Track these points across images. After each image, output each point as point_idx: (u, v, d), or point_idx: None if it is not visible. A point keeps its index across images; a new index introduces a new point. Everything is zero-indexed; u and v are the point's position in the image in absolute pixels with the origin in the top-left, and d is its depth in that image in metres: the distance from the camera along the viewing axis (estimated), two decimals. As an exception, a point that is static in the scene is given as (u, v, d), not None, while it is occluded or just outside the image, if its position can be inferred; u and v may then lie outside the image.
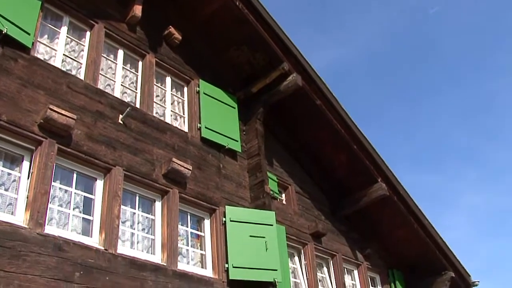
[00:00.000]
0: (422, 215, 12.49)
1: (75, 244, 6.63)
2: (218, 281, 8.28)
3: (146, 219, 8.07)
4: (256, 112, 10.25)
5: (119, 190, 7.45)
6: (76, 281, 6.39)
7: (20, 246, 6.04)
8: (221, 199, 9.02)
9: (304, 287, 10.45)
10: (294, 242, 10.50)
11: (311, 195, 11.73)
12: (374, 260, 12.79)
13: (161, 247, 7.82)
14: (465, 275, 13.61)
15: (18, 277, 5.85)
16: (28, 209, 6.40)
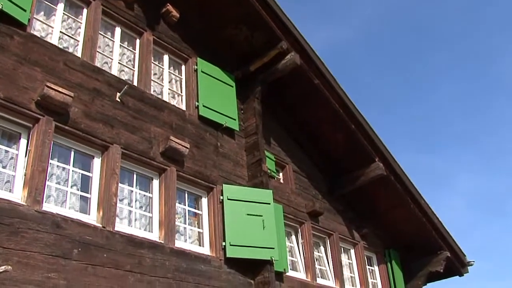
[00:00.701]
0: (419, 195, 12.54)
1: (73, 222, 6.66)
2: (215, 259, 8.34)
3: (144, 197, 8.10)
4: (254, 91, 10.22)
5: (116, 168, 7.46)
6: (74, 258, 6.44)
7: (19, 223, 6.07)
8: (218, 177, 9.04)
9: (301, 266, 10.53)
10: (291, 221, 10.56)
11: (308, 174, 11.76)
12: (370, 240, 12.87)
13: (159, 225, 7.86)
14: (461, 255, 13.72)
15: (17, 253, 5.89)
16: (26, 187, 6.42)
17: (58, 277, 6.18)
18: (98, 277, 6.58)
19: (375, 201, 12.60)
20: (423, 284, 13.53)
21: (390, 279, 12.93)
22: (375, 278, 12.97)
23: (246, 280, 8.68)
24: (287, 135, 11.67)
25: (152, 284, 7.18)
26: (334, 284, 11.12)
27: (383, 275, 13.01)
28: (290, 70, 10.08)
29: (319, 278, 10.73)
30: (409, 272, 13.40)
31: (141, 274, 7.10)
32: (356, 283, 12.06)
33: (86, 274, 6.47)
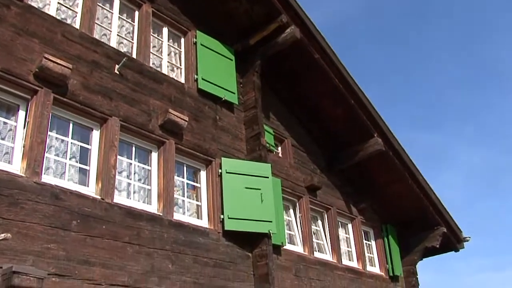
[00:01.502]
0: (417, 171, 12.58)
1: (72, 193, 6.69)
2: (214, 232, 8.40)
3: (143, 169, 8.12)
4: (254, 65, 10.16)
5: (115, 140, 7.46)
6: (73, 229, 6.49)
7: (18, 194, 6.10)
8: (217, 150, 9.05)
9: (299, 240, 10.61)
10: (289, 194, 10.61)
11: (307, 149, 11.77)
12: (368, 215, 12.95)
13: (157, 198, 7.90)
14: (457, 231, 13.81)
15: (16, 224, 5.93)
16: (25, 158, 6.43)
17: (58, 248, 6.23)
18: (97, 248, 6.64)
19: (373, 176, 12.64)
20: (419, 259, 13.67)
21: (386, 253, 13.04)
22: (372, 253, 13.08)
23: (244, 252, 8.76)
24: (286, 110, 11.65)
25: (151, 255, 7.25)
26: (331, 258, 11.23)
27: (380, 249, 13.12)
28: (290, 44, 10.01)
29: (316, 252, 10.83)
30: (406, 247, 13.51)
31: (140, 246, 7.16)
32: (353, 257, 12.17)
33: (85, 245, 6.53)
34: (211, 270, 8.03)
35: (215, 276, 8.06)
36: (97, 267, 6.54)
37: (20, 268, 5.59)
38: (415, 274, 13.53)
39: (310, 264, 10.30)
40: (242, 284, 8.48)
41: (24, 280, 5.54)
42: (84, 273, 6.38)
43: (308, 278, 10.08)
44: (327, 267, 10.80)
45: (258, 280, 8.60)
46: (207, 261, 8.03)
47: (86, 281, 6.37)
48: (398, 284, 13.14)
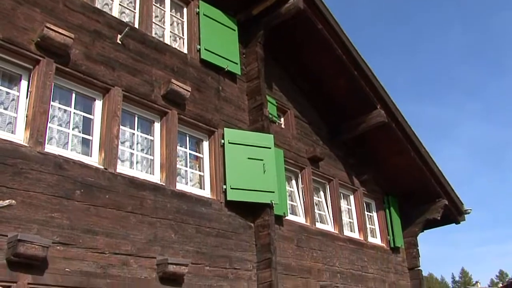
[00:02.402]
0: (420, 143, 12.57)
1: (75, 163, 6.73)
2: (216, 202, 8.46)
3: (145, 139, 8.14)
4: (257, 35, 10.09)
5: (118, 110, 7.46)
6: (77, 199, 6.54)
7: (21, 163, 6.13)
8: (219, 121, 9.05)
9: (301, 210, 10.68)
10: (291, 165, 10.64)
11: (309, 120, 11.76)
12: (370, 186, 13.00)
13: (160, 168, 7.94)
14: (458, 203, 13.86)
15: (20, 193, 5.98)
16: (28, 128, 6.44)
17: (62, 217, 6.30)
18: (101, 218, 6.71)
19: (376, 148, 12.65)
20: (420, 230, 13.76)
21: (388, 225, 13.12)
22: (373, 224, 13.17)
23: (246, 223, 8.83)
24: (289, 81, 11.60)
25: (153, 225, 7.32)
26: (333, 229, 11.31)
27: (381, 221, 13.21)
28: (293, 15, 9.91)
29: (318, 223, 10.91)
30: (407, 219, 13.58)
31: (143, 216, 7.22)
32: (355, 228, 12.25)
33: (88, 215, 6.59)
34: (213, 240, 8.12)
35: (217, 245, 8.15)
36: (100, 236, 6.62)
37: (25, 237, 5.67)
38: (416, 246, 13.64)
39: (312, 234, 10.39)
40: (244, 253, 8.57)
41: (29, 248, 5.63)
42: (88, 242, 6.46)
43: (309, 248, 10.18)
44: (329, 238, 10.89)
45: (260, 250, 8.69)
46: (209, 231, 8.11)
47: (90, 250, 6.45)
48: (399, 255, 13.26)
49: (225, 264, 8.17)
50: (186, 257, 7.54)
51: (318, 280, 10.08)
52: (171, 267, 7.05)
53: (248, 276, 8.48)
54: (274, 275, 8.46)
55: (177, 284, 7.29)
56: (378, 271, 12.14)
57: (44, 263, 5.92)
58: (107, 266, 6.57)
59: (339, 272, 10.83)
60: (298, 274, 9.63)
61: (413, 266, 13.46)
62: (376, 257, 12.27)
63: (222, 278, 8.03)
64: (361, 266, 11.60)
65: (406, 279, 13.22)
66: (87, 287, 6.28)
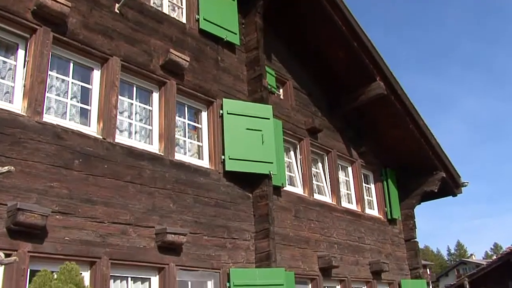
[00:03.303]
0: (418, 116, 12.56)
1: (74, 133, 6.72)
2: (214, 172, 8.49)
3: (144, 109, 8.13)
4: (256, 5, 9.96)
5: (116, 80, 7.43)
6: (75, 168, 6.55)
7: (20, 133, 6.13)
8: (218, 91, 9.02)
9: (299, 181, 10.72)
10: (290, 137, 10.64)
11: (308, 91, 11.72)
12: (368, 158, 13.03)
13: (159, 138, 7.94)
14: (456, 176, 13.92)
15: (19, 163, 5.99)
16: (26, 98, 6.42)
17: (60, 187, 6.32)
18: (100, 187, 6.74)
19: (375, 120, 12.65)
20: (417, 203, 13.84)
21: (385, 197, 13.21)
22: (371, 196, 13.25)
23: (245, 193, 8.88)
24: (289, 52, 11.52)
25: (152, 195, 7.35)
26: (331, 200, 11.38)
27: (379, 193, 13.28)
28: (292, -16, 9.80)
29: (316, 194, 10.97)
30: (404, 191, 13.67)
31: (141, 185, 7.25)
32: (352, 199, 12.33)
33: (87, 184, 6.62)
34: (211, 210, 8.17)
35: (215, 215, 8.21)
36: (99, 206, 6.66)
37: (25, 205, 5.70)
38: (413, 218, 13.74)
39: (309, 205, 10.46)
40: (243, 223, 8.64)
41: (28, 217, 5.66)
42: (87, 211, 6.50)
43: (307, 219, 10.26)
44: (327, 209, 10.97)
45: (258, 220, 8.76)
46: (208, 201, 8.16)
47: (89, 219, 6.49)
48: (396, 226, 13.37)
49: (223, 234, 8.24)
50: (185, 226, 7.60)
51: (316, 251, 10.18)
52: (169, 236, 7.10)
53: (246, 246, 8.56)
54: (272, 245, 8.54)
55: (175, 253, 7.36)
56: (375, 242, 12.26)
57: (43, 232, 5.96)
58: (106, 235, 6.62)
59: (336, 243, 10.93)
60: (295, 245, 9.72)
61: (409, 237, 13.59)
62: (373, 229, 12.38)
63: (220, 248, 8.11)
64: (358, 237, 11.71)
65: (402, 250, 13.37)
66: (86, 255, 6.34)
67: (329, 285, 10.61)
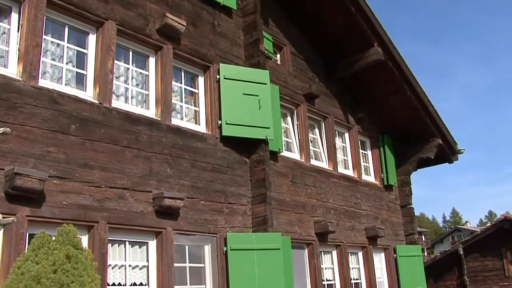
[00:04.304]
0: (416, 83, 12.51)
1: (70, 98, 6.69)
2: (211, 137, 8.49)
3: (140, 74, 8.08)
4: (253, -31, 9.82)
5: (112, 44, 7.36)
6: (72, 133, 6.54)
7: (15, 98, 6.09)
8: (215, 56, 8.95)
9: (296, 147, 10.74)
10: (287, 102, 10.61)
11: (306, 57, 11.64)
12: (365, 124, 13.03)
13: (155, 102, 7.91)
14: (452, 143, 13.96)
15: (15, 127, 5.97)
16: (21, 62, 6.36)
17: (57, 151, 6.32)
18: (97, 152, 6.74)
19: (372, 86, 12.60)
20: (413, 169, 13.92)
21: (382, 163, 13.26)
22: (367, 162, 13.30)
23: (242, 158, 8.90)
24: (286, 17, 11.39)
25: (149, 159, 7.37)
26: (328, 166, 11.42)
27: (376, 159, 13.33)
28: None
29: (313, 160, 11.00)
30: (401, 158, 13.72)
31: (138, 150, 7.26)
32: (349, 165, 12.37)
33: (84, 149, 6.62)
34: (208, 175, 8.20)
35: (212, 180, 8.24)
36: (96, 170, 6.67)
37: (22, 170, 5.71)
38: (409, 184, 13.84)
39: (306, 171, 10.50)
40: (239, 188, 8.69)
41: (26, 182, 5.67)
42: (84, 176, 6.52)
43: (304, 184, 10.31)
44: (323, 175, 11.02)
45: (255, 185, 8.80)
46: (205, 166, 8.18)
47: (86, 184, 6.51)
48: (392, 193, 13.47)
49: (220, 198, 8.29)
50: (182, 191, 7.64)
51: (312, 216, 10.27)
52: (166, 200, 7.14)
53: (243, 211, 8.62)
54: (269, 210, 8.61)
55: (172, 218, 7.42)
56: (371, 208, 12.36)
57: (41, 196, 5.98)
58: (103, 200, 6.65)
59: (333, 208, 11.02)
60: (292, 210, 9.80)
61: (405, 203, 13.71)
62: (369, 194, 12.47)
63: (217, 212, 8.17)
64: (354, 203, 11.80)
65: (398, 216, 13.49)
66: (84, 220, 6.38)
67: (325, 250, 10.74)
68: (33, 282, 4.10)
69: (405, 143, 13.64)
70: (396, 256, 12.49)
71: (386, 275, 12.47)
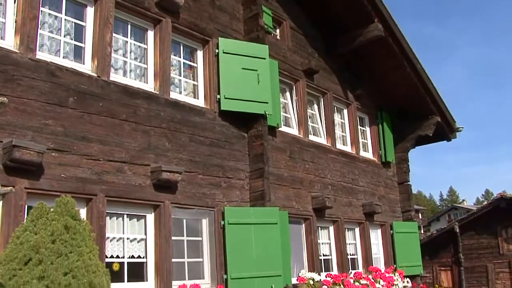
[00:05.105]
0: (416, 60, 12.44)
1: (68, 70, 6.66)
2: (210, 111, 8.48)
3: (139, 48, 8.03)
4: None
5: (110, 17, 7.30)
6: (70, 106, 6.53)
7: (13, 70, 6.07)
8: (214, 30, 8.89)
9: (294, 122, 10.73)
10: (286, 77, 10.56)
11: (306, 32, 11.56)
12: (364, 101, 13.00)
13: (154, 76, 7.88)
14: (451, 121, 13.95)
15: (13, 100, 5.96)
16: (18, 34, 6.32)
17: (55, 124, 6.32)
18: (95, 125, 6.74)
19: (372, 63, 12.53)
20: (411, 146, 13.94)
21: (380, 140, 13.26)
22: (366, 139, 13.30)
23: (240, 133, 8.90)
24: (285, -10, 11.28)
25: (147, 133, 7.37)
26: (326, 141, 11.42)
27: (374, 135, 13.34)
28: None
29: (311, 135, 11.00)
30: (399, 135, 13.72)
31: (136, 124, 7.26)
32: (347, 142, 12.38)
33: (82, 122, 6.62)
34: (206, 149, 8.21)
35: (210, 154, 8.26)
36: (94, 143, 6.68)
37: (20, 142, 5.72)
38: (407, 161, 13.87)
39: (304, 146, 10.51)
40: (237, 163, 8.71)
41: (24, 154, 5.68)
42: (83, 149, 6.53)
43: (302, 160, 10.33)
44: (321, 150, 11.03)
45: (253, 160, 8.82)
46: (203, 140, 8.19)
47: (84, 157, 6.52)
48: (389, 169, 13.50)
49: (218, 173, 8.31)
50: (180, 165, 7.65)
51: (310, 191, 10.31)
52: (165, 174, 7.16)
53: (240, 185, 8.65)
54: (266, 184, 8.64)
55: (171, 191, 7.45)
56: (368, 184, 12.41)
57: (39, 169, 6.00)
58: (101, 173, 6.67)
59: (330, 184, 11.06)
60: (290, 185, 9.83)
61: (402, 180, 13.76)
62: (367, 171, 12.50)
63: (215, 187, 8.20)
64: (352, 179, 11.84)
65: (395, 193, 13.55)
66: (82, 192, 6.41)
67: (322, 225, 10.81)
68: (32, 252, 4.13)
69: (404, 120, 13.62)
70: (392, 232, 12.57)
71: (382, 251, 12.58)
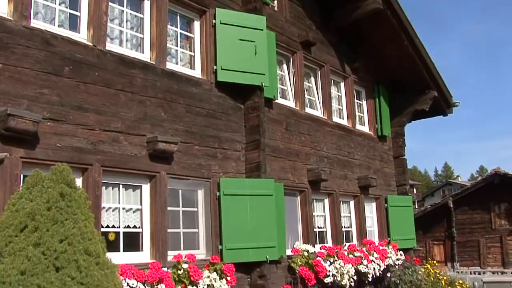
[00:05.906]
0: (414, 33, 12.37)
1: (63, 39, 6.59)
2: (206, 82, 8.44)
3: (135, 17, 7.94)
4: None
5: (106, -15, 7.19)
6: (65, 75, 6.48)
7: (7, 38, 5.99)
8: (211, 1, 8.78)
9: (291, 95, 10.70)
10: (283, 49, 10.49)
11: (303, 4, 11.42)
12: (361, 74, 12.96)
13: (150, 46, 7.81)
14: (447, 96, 13.95)
15: (8, 68, 5.91)
16: (11, 1, 6.21)
17: (51, 93, 6.28)
18: (90, 95, 6.70)
19: (370, 36, 12.45)
20: (408, 121, 13.98)
21: (376, 114, 13.28)
22: (362, 112, 13.30)
23: (236, 104, 8.88)
24: (284, -38, 11.15)
25: (143, 103, 7.33)
26: (322, 114, 11.42)
27: (370, 109, 13.33)
28: None
29: (307, 108, 10.98)
30: (396, 109, 13.73)
31: (132, 94, 7.22)
32: (344, 115, 12.38)
33: (78, 91, 6.57)
34: (203, 120, 8.20)
35: (206, 125, 8.24)
36: (90, 113, 6.65)
37: (15, 111, 5.67)
38: (403, 135, 13.92)
39: (301, 119, 10.50)
40: (234, 134, 8.70)
41: (19, 123, 5.65)
42: (78, 118, 6.50)
43: (298, 132, 10.33)
44: (318, 123, 11.03)
45: (249, 131, 8.82)
46: (199, 111, 8.17)
47: (80, 126, 6.50)
48: (385, 143, 13.54)
49: (214, 144, 8.31)
50: (176, 135, 7.64)
51: (305, 164, 10.34)
52: (161, 144, 7.15)
53: (236, 156, 8.67)
54: (262, 156, 8.66)
55: (166, 162, 7.45)
56: (364, 158, 12.44)
57: (35, 138, 5.98)
58: (97, 143, 6.66)
59: (326, 157, 11.09)
60: (285, 157, 9.85)
61: (398, 155, 13.82)
62: (363, 144, 12.53)
63: (211, 158, 8.21)
64: (347, 152, 11.87)
65: (390, 167, 13.61)
66: (78, 162, 6.40)
67: (318, 197, 10.87)
68: (27, 219, 4.14)
69: (401, 94, 13.62)
70: (387, 206, 12.66)
71: (377, 224, 12.69)
